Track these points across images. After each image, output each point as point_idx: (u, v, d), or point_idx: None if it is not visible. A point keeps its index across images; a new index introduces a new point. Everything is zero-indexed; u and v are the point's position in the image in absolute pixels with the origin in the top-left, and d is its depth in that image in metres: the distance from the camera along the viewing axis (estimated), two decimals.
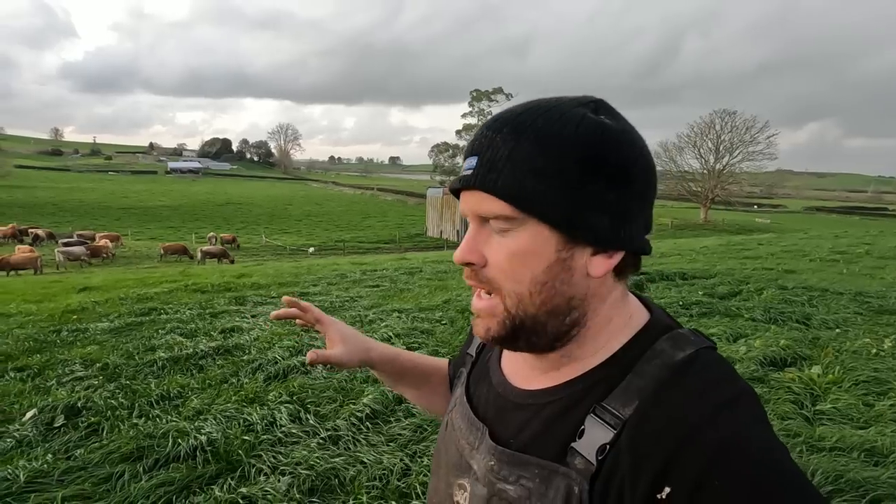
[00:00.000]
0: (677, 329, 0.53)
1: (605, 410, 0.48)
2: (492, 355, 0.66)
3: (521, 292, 0.50)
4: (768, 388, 3.00)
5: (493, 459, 0.54)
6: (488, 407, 0.60)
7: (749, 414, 0.45)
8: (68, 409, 2.72)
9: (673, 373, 0.48)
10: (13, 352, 3.83)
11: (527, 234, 0.49)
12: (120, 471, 2.13)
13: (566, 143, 0.47)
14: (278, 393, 2.97)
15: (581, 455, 0.48)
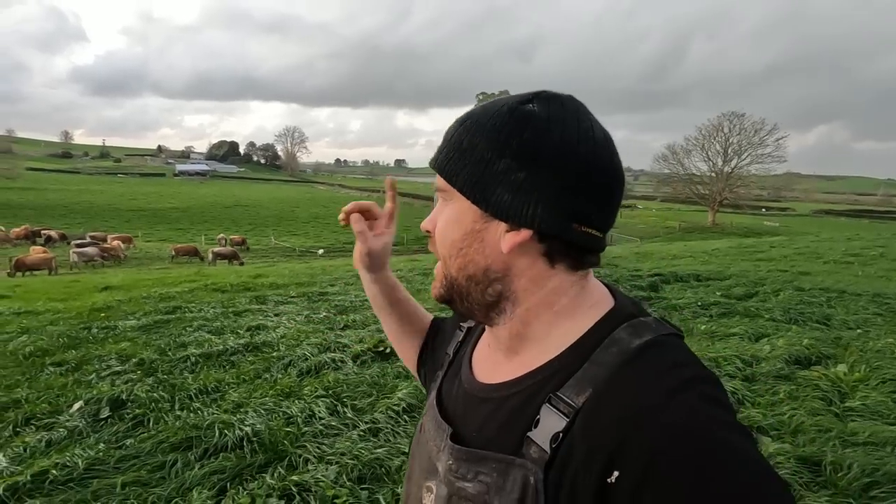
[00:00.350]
0: (640, 317, 0.53)
1: (560, 399, 0.49)
2: (464, 353, 0.67)
3: (444, 255, 0.56)
4: (796, 385, 3.04)
5: (452, 459, 0.55)
6: (457, 404, 0.61)
7: (703, 398, 0.45)
8: (112, 401, 2.80)
9: (627, 359, 0.48)
10: (49, 347, 3.93)
11: (454, 205, 0.55)
12: (172, 459, 2.20)
13: (483, 126, 0.53)
14: (313, 388, 3.04)
15: (536, 444, 0.49)
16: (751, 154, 41.06)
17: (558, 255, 0.53)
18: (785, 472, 2.04)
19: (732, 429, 0.43)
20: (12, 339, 4.18)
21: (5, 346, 3.94)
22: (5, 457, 2.21)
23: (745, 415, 2.59)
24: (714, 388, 0.47)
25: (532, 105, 0.52)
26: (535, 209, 0.50)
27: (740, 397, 2.85)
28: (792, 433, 2.43)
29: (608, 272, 8.27)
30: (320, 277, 8.38)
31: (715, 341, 4.02)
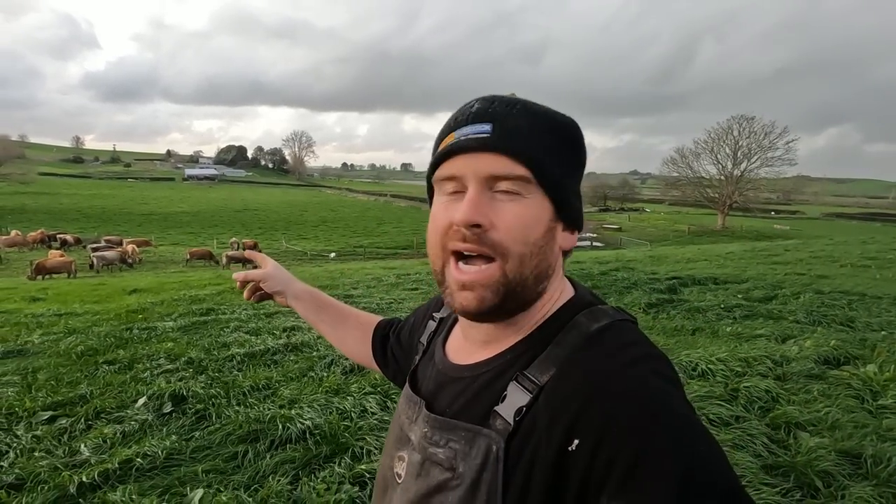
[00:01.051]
0: (598, 305, 0.58)
1: (526, 378, 0.53)
2: (438, 340, 0.71)
3: (524, 253, 0.54)
4: (828, 384, 3.13)
5: (427, 427, 0.59)
6: (430, 383, 0.65)
7: (653, 372, 0.49)
8: (173, 397, 2.94)
9: (587, 340, 0.53)
10: (99, 347, 4.09)
11: (534, 201, 0.54)
12: (242, 450, 2.33)
13: (568, 131, 0.57)
14: (360, 385, 3.16)
15: (501, 417, 0.52)
16: (760, 157, 40.92)
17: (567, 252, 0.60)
18: (827, 465, 2.14)
19: (678, 399, 0.48)
20: (61, 339, 4.35)
21: (57, 346, 4.10)
22: (86, 447, 2.36)
23: (781, 411, 2.69)
24: (664, 364, 0.51)
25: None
26: (581, 213, 0.60)
27: (774, 395, 2.94)
28: (829, 429, 2.53)
29: (626, 275, 8.36)
30: (341, 281, 8.53)
31: (742, 342, 4.11)
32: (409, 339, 0.81)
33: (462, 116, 0.57)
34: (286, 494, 1.96)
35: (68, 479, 2.04)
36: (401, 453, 0.63)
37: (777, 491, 1.94)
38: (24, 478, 2.09)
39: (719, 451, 0.45)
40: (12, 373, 3.47)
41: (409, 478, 0.60)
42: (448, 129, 0.58)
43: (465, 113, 0.57)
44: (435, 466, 0.56)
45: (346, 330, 0.94)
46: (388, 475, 0.65)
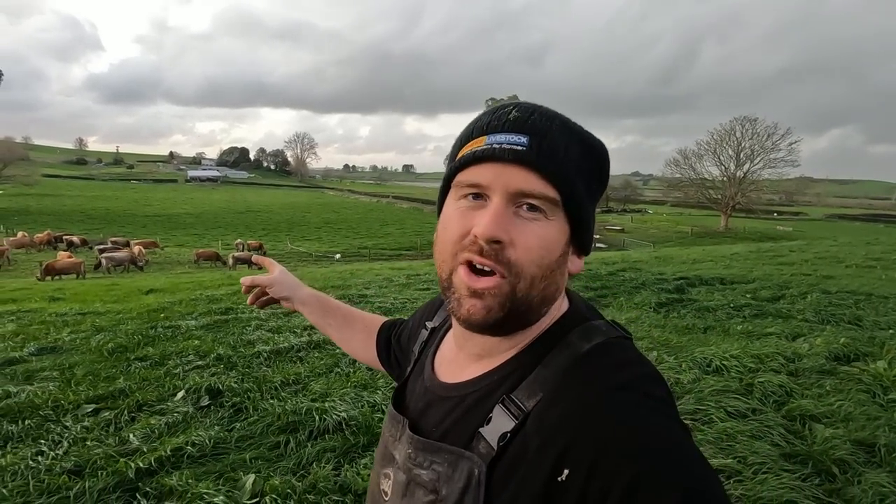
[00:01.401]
0: (592, 321, 0.56)
1: (512, 402, 0.51)
2: (427, 352, 0.69)
3: (536, 276, 0.52)
4: (839, 379, 3.24)
5: (411, 448, 0.58)
6: (419, 401, 0.63)
7: (645, 395, 0.47)
8: (209, 391, 3.06)
9: (576, 362, 0.51)
10: (128, 344, 4.21)
11: (556, 224, 0.53)
12: (284, 439, 2.45)
13: (600, 155, 0.56)
14: (387, 380, 3.28)
15: (485, 440, 0.51)
16: (763, 158, 41.03)
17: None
18: (842, 453, 2.25)
19: (671, 422, 0.46)
20: (90, 336, 4.47)
21: (88, 343, 4.22)
22: (135, 437, 2.48)
23: (796, 405, 2.80)
24: (657, 386, 0.49)
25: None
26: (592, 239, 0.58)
27: (788, 390, 3.05)
28: (842, 420, 2.63)
29: (633, 275, 8.47)
30: (352, 281, 8.65)
31: (753, 340, 4.22)
32: (407, 344, 0.80)
33: (497, 122, 0.54)
34: (331, 479, 2.08)
35: (125, 465, 2.16)
36: (386, 470, 0.62)
37: (797, 476, 2.05)
38: (81, 464, 2.21)
39: (714, 477, 0.44)
40: (50, 368, 3.59)
41: (394, 496, 0.60)
42: (479, 131, 0.55)
43: (501, 118, 0.54)
44: (419, 488, 0.56)
45: (353, 332, 0.95)
46: (375, 491, 0.65)
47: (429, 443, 0.57)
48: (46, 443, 2.44)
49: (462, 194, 0.54)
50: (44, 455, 2.31)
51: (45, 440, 2.47)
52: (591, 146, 0.55)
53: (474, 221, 0.52)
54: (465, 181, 0.54)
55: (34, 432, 2.59)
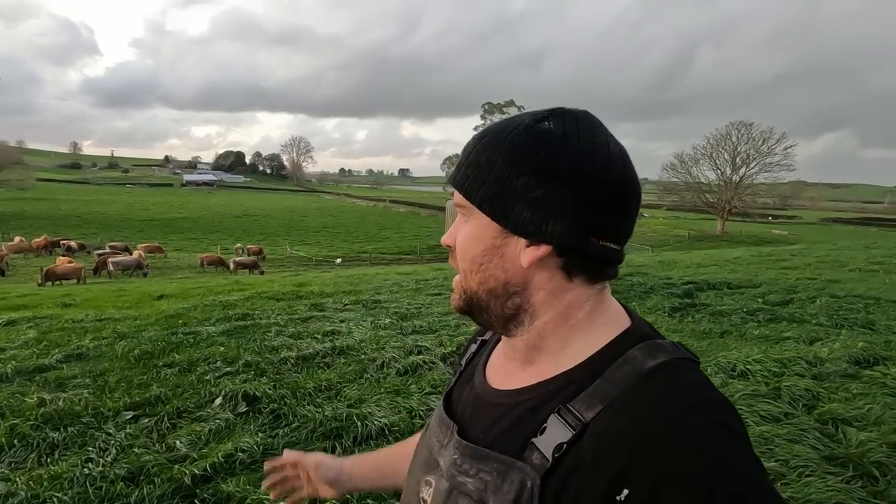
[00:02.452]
0: (655, 339, 0.54)
1: (569, 412, 0.50)
2: (478, 362, 0.69)
3: (465, 269, 0.58)
4: (863, 383, 3.30)
5: (458, 454, 0.57)
6: (466, 407, 0.63)
7: (714, 422, 0.45)
8: (246, 397, 3.08)
9: (640, 378, 0.49)
10: (153, 350, 4.22)
11: (474, 221, 0.56)
12: (330, 445, 2.49)
13: (500, 144, 0.54)
14: (419, 386, 3.32)
15: (539, 451, 0.50)
16: (759, 163, 41.40)
17: (576, 268, 0.55)
18: (879, 456, 2.31)
19: (743, 454, 0.44)
20: (113, 343, 4.48)
21: (113, 350, 4.23)
22: (181, 443, 2.50)
23: (826, 409, 2.86)
24: (728, 413, 0.47)
25: (548, 123, 0.54)
26: (553, 225, 0.52)
27: (815, 393, 3.11)
28: (873, 424, 2.70)
29: (641, 280, 8.54)
30: (362, 286, 8.68)
31: (772, 344, 4.29)
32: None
33: None
34: None
35: (179, 471, 2.18)
36: (428, 478, 0.61)
37: (841, 479, 2.10)
38: (134, 472, 2.23)
39: None
40: (81, 375, 3.60)
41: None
42: None
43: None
44: (463, 497, 0.54)
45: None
46: (412, 500, 0.63)
47: (477, 449, 0.55)
48: (94, 450, 2.46)
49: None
50: (94, 462, 2.34)
51: (91, 447, 2.49)
52: (491, 140, 0.55)
53: None
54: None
55: (79, 439, 2.61)
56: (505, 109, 64.01)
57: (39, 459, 2.43)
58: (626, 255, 0.58)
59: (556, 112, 0.55)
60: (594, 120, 0.55)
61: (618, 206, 0.53)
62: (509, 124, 0.56)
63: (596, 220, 0.52)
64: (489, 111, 64.11)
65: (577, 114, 0.55)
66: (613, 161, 0.53)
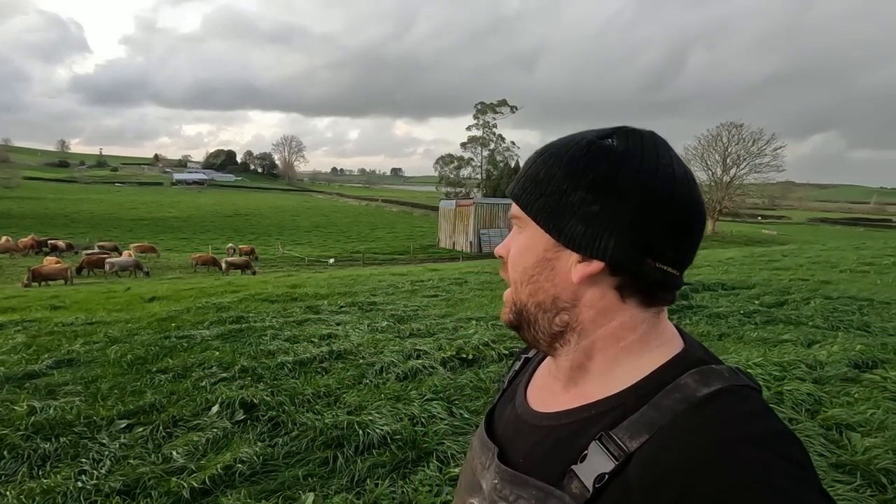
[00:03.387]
0: (712, 364, 0.51)
1: (611, 440, 0.48)
2: (521, 381, 0.68)
3: (515, 280, 0.57)
4: (864, 387, 3.30)
5: (498, 479, 0.56)
6: (507, 428, 0.62)
7: (779, 455, 0.42)
8: (243, 404, 3.02)
9: (691, 407, 0.46)
10: (146, 355, 4.13)
11: (528, 233, 0.56)
12: (331, 455, 2.43)
13: (560, 158, 0.54)
14: (419, 392, 3.27)
15: (579, 479, 0.48)
16: (749, 163, 41.82)
17: (630, 289, 0.52)
18: (886, 463, 2.30)
19: (812, 492, 0.41)
20: (104, 347, 4.38)
21: (105, 355, 4.14)
22: (178, 454, 2.43)
23: (829, 414, 2.85)
24: (794, 446, 0.44)
25: (611, 140, 0.53)
26: (607, 241, 0.50)
27: (817, 398, 3.11)
28: (877, 429, 2.69)
29: None
30: (357, 287, 8.61)
31: (770, 347, 4.29)
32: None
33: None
34: (391, 497, 2.07)
35: (177, 484, 2.12)
36: (472, 500, 0.60)
37: (850, 488, 2.09)
38: (129, 484, 2.17)
39: None
40: (73, 382, 3.51)
41: None
42: None
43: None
44: None
45: None
46: None
47: (516, 475, 0.54)
48: (87, 461, 2.38)
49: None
50: (87, 475, 2.26)
51: (85, 459, 2.42)
52: (553, 154, 0.55)
53: None
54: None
55: (71, 450, 2.53)
56: (498, 109, 63.98)
57: (31, 472, 2.35)
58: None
59: (620, 130, 0.55)
60: (659, 140, 0.54)
61: (678, 229, 0.51)
62: (572, 140, 0.56)
63: (653, 241, 0.51)
64: (482, 111, 64.01)
65: (643, 133, 0.54)
66: (677, 182, 0.52)
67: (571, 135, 0.57)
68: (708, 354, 0.54)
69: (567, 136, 0.57)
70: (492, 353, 4.05)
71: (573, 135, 0.57)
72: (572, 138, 0.56)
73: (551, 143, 0.58)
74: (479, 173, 63.77)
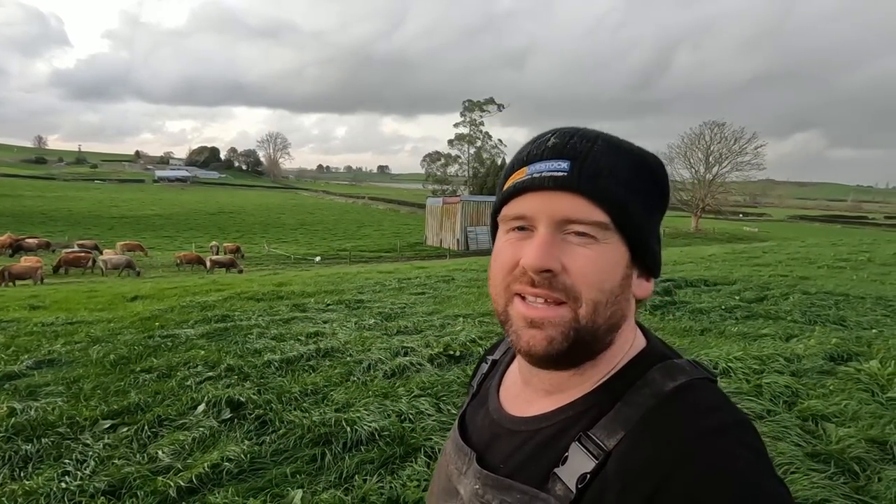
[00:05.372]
0: (673, 359, 0.53)
1: (590, 440, 0.49)
2: (491, 384, 0.66)
3: (598, 301, 0.50)
4: (838, 379, 3.41)
5: (479, 483, 0.55)
6: (483, 433, 0.61)
7: (740, 443, 0.45)
8: (230, 403, 3.00)
9: (661, 401, 0.48)
10: (130, 355, 4.08)
11: (610, 247, 0.50)
12: (319, 452, 2.43)
13: (654, 171, 0.53)
14: (407, 388, 3.28)
15: (562, 481, 0.48)
16: (731, 162, 42.51)
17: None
18: (859, 452, 2.38)
19: (770, 476, 0.43)
20: (86, 347, 4.31)
21: (87, 355, 4.07)
22: (164, 453, 2.42)
23: (806, 405, 2.94)
24: (751, 434, 0.47)
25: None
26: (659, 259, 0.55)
27: (794, 390, 3.19)
28: (851, 419, 2.78)
29: None
30: (343, 286, 8.57)
31: (750, 341, 4.39)
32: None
33: (536, 151, 0.53)
34: (379, 493, 2.08)
35: (164, 483, 2.11)
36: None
37: (824, 476, 2.16)
38: (115, 484, 2.15)
39: None
40: (54, 383, 3.45)
41: None
42: (519, 162, 0.54)
43: (539, 147, 0.53)
44: None
45: None
46: None
47: (499, 479, 0.53)
48: (71, 462, 2.35)
49: (509, 227, 0.54)
50: (71, 475, 2.24)
51: (68, 459, 2.39)
52: (643, 161, 0.52)
53: (522, 252, 0.51)
54: (510, 214, 0.53)
55: (54, 451, 2.49)
56: (485, 107, 64.05)
57: (12, 474, 2.31)
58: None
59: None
60: None
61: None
62: (636, 146, 0.55)
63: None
64: (469, 108, 64.02)
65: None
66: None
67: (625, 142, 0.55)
68: (668, 349, 0.56)
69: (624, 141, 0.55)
70: (479, 349, 4.08)
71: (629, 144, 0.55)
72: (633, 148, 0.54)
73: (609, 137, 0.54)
74: (466, 171, 63.82)
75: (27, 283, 16.30)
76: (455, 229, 31.73)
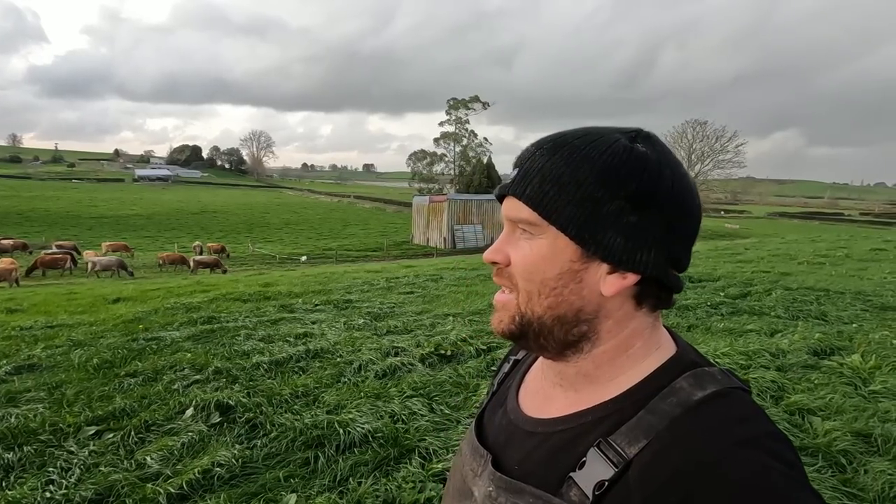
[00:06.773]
0: (704, 367, 0.52)
1: (609, 446, 0.48)
2: (511, 383, 0.66)
3: (530, 291, 0.53)
4: (822, 373, 3.48)
5: (492, 486, 0.55)
6: (500, 433, 0.60)
7: (772, 455, 0.43)
8: (219, 406, 2.95)
9: (687, 411, 0.47)
10: (113, 359, 3.99)
11: (546, 241, 0.51)
12: (312, 455, 2.40)
13: (591, 161, 0.50)
14: (399, 389, 3.27)
15: (578, 487, 0.47)
16: (713, 160, 43.18)
17: (647, 297, 0.53)
18: (845, 444, 2.44)
19: (805, 491, 0.42)
20: (68, 351, 4.21)
21: (69, 359, 3.97)
22: (152, 459, 2.36)
23: (792, 399, 2.99)
24: (783, 445, 0.45)
25: (641, 146, 0.51)
26: (647, 254, 0.50)
27: (780, 385, 3.26)
28: (836, 413, 2.84)
29: None
30: (331, 285, 8.51)
31: (736, 337, 4.46)
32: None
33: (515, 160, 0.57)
34: (375, 495, 2.06)
35: (153, 490, 2.06)
36: None
37: (812, 469, 2.20)
38: (102, 493, 2.09)
39: None
40: (35, 388, 3.35)
41: None
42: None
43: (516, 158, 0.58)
44: None
45: None
46: None
47: (513, 482, 0.53)
48: (55, 470, 2.29)
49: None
50: (56, 484, 2.18)
51: (52, 468, 2.32)
52: (579, 154, 0.51)
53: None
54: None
55: (37, 459, 2.42)
56: (470, 105, 64.05)
57: None
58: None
59: (642, 134, 0.53)
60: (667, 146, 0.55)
61: (692, 237, 0.53)
62: (599, 140, 0.51)
63: (676, 251, 0.52)
64: (454, 107, 63.93)
65: (654, 137, 0.54)
66: (694, 192, 0.53)
67: (592, 133, 0.53)
68: (700, 357, 0.55)
69: (585, 133, 0.53)
70: (470, 348, 4.08)
71: (595, 133, 0.53)
72: (599, 138, 0.52)
73: (565, 140, 0.53)
74: (452, 169, 63.79)
75: (2, 285, 15.88)
76: (442, 228, 31.70)
